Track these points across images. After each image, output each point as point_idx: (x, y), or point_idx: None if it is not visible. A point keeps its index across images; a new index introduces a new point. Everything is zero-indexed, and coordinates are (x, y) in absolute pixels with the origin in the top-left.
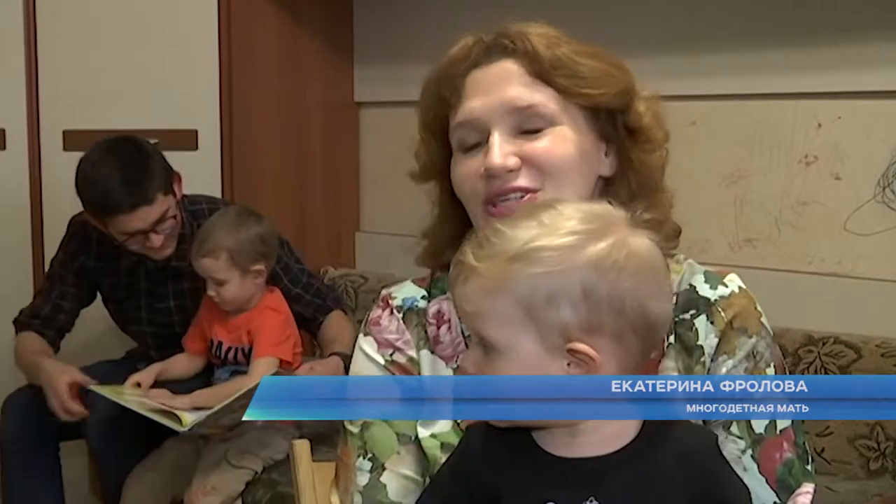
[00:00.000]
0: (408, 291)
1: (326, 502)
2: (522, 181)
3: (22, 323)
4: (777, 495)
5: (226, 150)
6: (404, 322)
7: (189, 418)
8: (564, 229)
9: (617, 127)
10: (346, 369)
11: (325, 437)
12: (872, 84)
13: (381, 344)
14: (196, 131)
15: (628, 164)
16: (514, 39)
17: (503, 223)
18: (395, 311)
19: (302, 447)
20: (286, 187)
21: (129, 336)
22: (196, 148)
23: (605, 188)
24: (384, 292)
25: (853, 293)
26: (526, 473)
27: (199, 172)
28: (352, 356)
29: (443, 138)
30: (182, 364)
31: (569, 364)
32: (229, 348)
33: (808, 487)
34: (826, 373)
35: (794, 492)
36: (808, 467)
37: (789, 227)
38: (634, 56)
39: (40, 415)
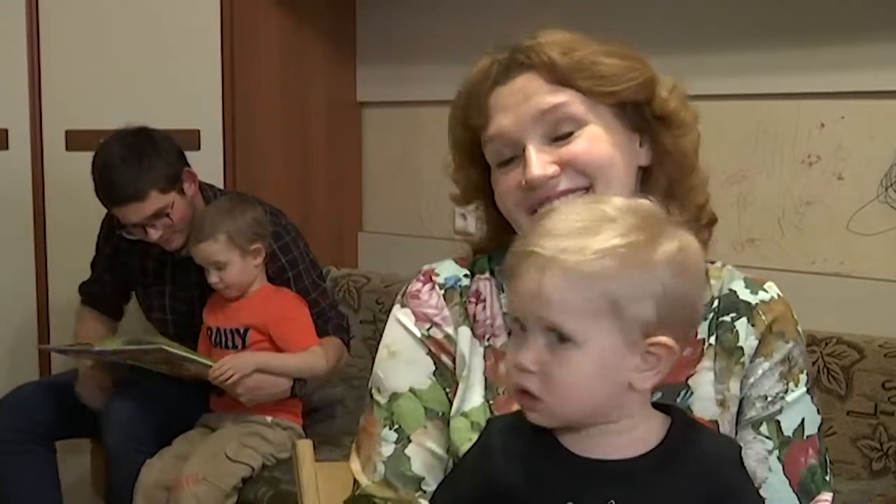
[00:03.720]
0: (451, 270)
1: (329, 502)
2: (565, 185)
3: (82, 297)
4: (798, 499)
5: (228, 150)
6: (445, 299)
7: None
8: (633, 226)
9: (646, 117)
10: None
11: (330, 439)
12: (875, 84)
13: (420, 318)
14: (198, 131)
15: (663, 151)
16: (528, 53)
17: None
18: (437, 286)
19: (305, 447)
20: (289, 187)
21: (152, 324)
22: (198, 148)
23: (645, 177)
24: (426, 268)
25: (856, 293)
26: (548, 471)
27: (201, 172)
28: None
29: (478, 158)
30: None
31: (640, 360)
32: (222, 330)
33: (827, 496)
34: (829, 373)
35: (813, 498)
36: (828, 477)
37: (792, 227)
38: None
39: (35, 414)
